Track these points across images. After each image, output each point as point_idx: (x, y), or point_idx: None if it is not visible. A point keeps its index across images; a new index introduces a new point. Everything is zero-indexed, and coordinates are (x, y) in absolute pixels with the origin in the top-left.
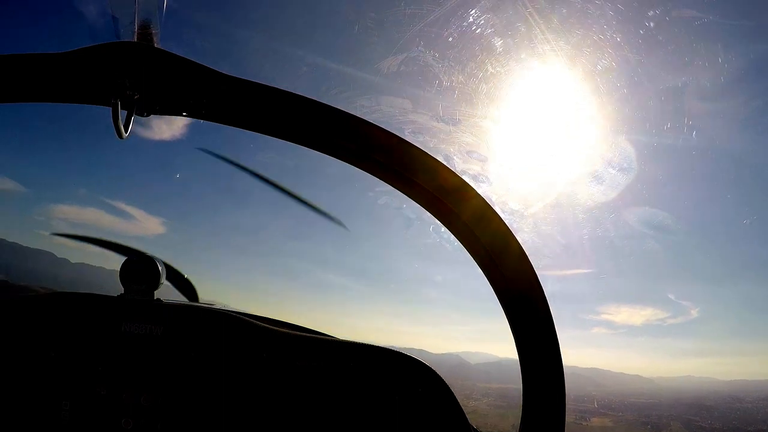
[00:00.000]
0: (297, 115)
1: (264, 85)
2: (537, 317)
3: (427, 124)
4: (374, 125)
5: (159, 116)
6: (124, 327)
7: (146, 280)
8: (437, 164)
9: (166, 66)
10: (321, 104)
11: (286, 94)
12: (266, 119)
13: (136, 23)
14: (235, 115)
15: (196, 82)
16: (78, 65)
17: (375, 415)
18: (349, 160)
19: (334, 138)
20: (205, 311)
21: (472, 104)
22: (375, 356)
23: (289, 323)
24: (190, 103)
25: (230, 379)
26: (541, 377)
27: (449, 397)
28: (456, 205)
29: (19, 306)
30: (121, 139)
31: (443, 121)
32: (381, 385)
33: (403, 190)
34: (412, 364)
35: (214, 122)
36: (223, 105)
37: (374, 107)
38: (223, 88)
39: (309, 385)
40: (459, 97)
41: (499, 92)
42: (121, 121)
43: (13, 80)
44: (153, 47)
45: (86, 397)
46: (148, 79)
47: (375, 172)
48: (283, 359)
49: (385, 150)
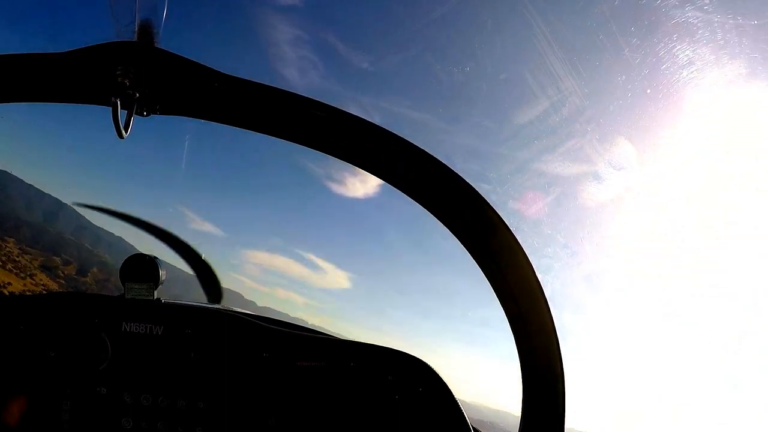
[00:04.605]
0: (297, 115)
1: (264, 85)
2: (537, 318)
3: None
4: (374, 125)
5: (160, 116)
6: (124, 327)
7: (147, 279)
8: (438, 165)
9: (166, 66)
10: (321, 104)
11: (286, 94)
12: (266, 119)
13: (136, 23)
14: (235, 115)
15: (196, 82)
16: (78, 65)
17: (375, 414)
18: (349, 160)
19: (334, 138)
20: (205, 311)
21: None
22: (375, 355)
23: (289, 323)
24: (190, 103)
25: (231, 378)
26: (541, 378)
27: (449, 396)
28: (456, 205)
29: (19, 306)
30: (121, 139)
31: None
32: (381, 385)
33: (403, 190)
34: (412, 363)
35: (214, 122)
36: (223, 105)
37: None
38: (223, 88)
39: (310, 385)
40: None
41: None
42: (121, 121)
43: (13, 80)
44: (153, 47)
45: (86, 397)
46: (148, 78)
47: (374, 171)
48: (283, 359)
49: (385, 150)
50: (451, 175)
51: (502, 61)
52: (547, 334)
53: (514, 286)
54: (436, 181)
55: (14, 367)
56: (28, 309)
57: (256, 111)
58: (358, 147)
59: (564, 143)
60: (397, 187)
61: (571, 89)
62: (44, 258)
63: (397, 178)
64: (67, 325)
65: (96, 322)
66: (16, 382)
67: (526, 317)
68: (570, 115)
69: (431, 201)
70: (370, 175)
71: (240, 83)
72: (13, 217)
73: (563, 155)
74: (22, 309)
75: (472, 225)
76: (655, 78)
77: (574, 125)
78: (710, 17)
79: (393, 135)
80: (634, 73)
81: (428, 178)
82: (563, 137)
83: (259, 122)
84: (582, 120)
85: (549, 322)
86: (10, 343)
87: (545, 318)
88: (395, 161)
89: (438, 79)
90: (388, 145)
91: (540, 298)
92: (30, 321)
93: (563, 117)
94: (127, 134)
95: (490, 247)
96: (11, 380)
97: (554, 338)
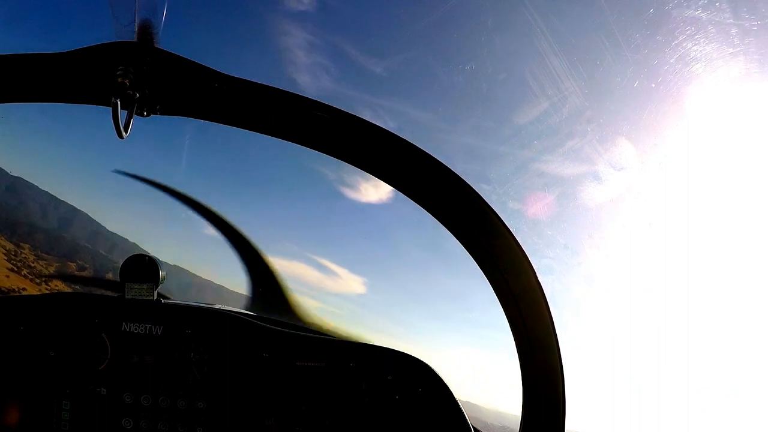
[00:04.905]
0: (297, 115)
1: (264, 85)
2: (537, 318)
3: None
4: (374, 125)
5: (160, 116)
6: (124, 327)
7: (147, 279)
8: (439, 165)
9: (166, 66)
10: (321, 104)
11: (286, 94)
12: (266, 119)
13: (136, 23)
14: (235, 115)
15: (196, 82)
16: (78, 65)
17: (375, 414)
18: (347, 159)
19: (334, 138)
20: (205, 311)
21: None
22: (375, 356)
23: (289, 323)
24: (190, 103)
25: (231, 378)
26: (541, 378)
27: (449, 396)
28: (456, 206)
29: (20, 306)
30: (121, 139)
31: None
32: (381, 385)
33: (402, 189)
34: (412, 363)
35: (214, 122)
36: (223, 105)
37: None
38: (223, 88)
39: (309, 385)
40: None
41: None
42: (121, 122)
43: (13, 80)
44: (153, 47)
45: (86, 397)
46: (148, 78)
47: (374, 171)
48: (283, 359)
49: (384, 149)
50: (450, 176)
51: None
52: (547, 335)
53: (515, 286)
54: (434, 181)
55: (14, 367)
56: (28, 309)
57: (256, 111)
58: (356, 146)
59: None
60: (395, 187)
61: (571, 89)
62: (59, 264)
63: (395, 177)
64: (67, 325)
65: (96, 323)
66: (17, 382)
67: (526, 317)
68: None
69: (430, 201)
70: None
71: (240, 83)
72: (28, 223)
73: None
74: (22, 309)
75: (472, 225)
76: (656, 77)
77: (574, 125)
78: (714, 16)
79: (392, 135)
80: (635, 72)
81: (427, 178)
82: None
83: (259, 122)
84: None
85: (549, 323)
86: (10, 343)
87: (545, 318)
88: (394, 161)
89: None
90: (386, 144)
91: (540, 299)
92: (30, 321)
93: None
94: (127, 134)
95: (489, 248)
96: (11, 380)
97: (554, 338)
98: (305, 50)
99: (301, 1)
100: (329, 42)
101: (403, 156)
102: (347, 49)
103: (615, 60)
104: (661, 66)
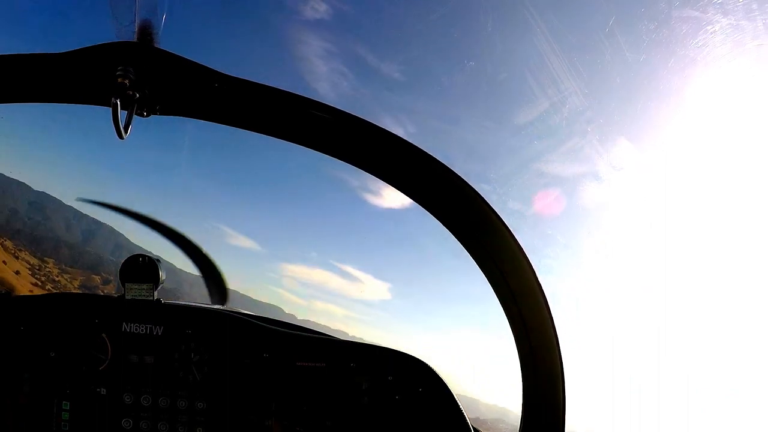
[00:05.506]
0: (297, 115)
1: (264, 85)
2: (537, 318)
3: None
4: (373, 125)
5: (160, 116)
6: (124, 327)
7: (147, 280)
8: (440, 166)
9: (166, 66)
10: (321, 104)
11: (286, 94)
12: (266, 119)
13: (136, 23)
14: (235, 115)
15: (196, 82)
16: (78, 65)
17: (375, 414)
18: (348, 160)
19: (334, 138)
20: (205, 312)
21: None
22: (375, 356)
23: (289, 323)
24: (190, 103)
25: (231, 379)
26: (541, 378)
27: (449, 396)
28: (456, 205)
29: (20, 306)
30: (121, 140)
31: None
32: (381, 385)
33: (401, 189)
34: (412, 363)
35: (214, 122)
36: (223, 105)
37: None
38: (223, 88)
39: (310, 385)
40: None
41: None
42: (121, 122)
43: (13, 80)
44: (153, 47)
45: (86, 397)
46: (148, 79)
47: (374, 171)
48: (283, 359)
49: (384, 149)
50: (451, 175)
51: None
52: (547, 334)
53: (515, 286)
54: (434, 180)
55: (15, 367)
56: (29, 309)
57: (255, 111)
58: (356, 146)
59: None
60: (395, 187)
61: (571, 89)
62: (84, 277)
63: (395, 176)
64: (67, 325)
65: (96, 323)
66: (17, 382)
67: (526, 317)
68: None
69: (430, 200)
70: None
71: (240, 83)
72: (53, 237)
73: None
74: (23, 309)
75: (472, 225)
76: (656, 78)
77: (574, 125)
78: (712, 17)
79: (392, 134)
80: (635, 72)
81: (427, 177)
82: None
83: (259, 123)
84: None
85: (549, 322)
86: (10, 343)
87: (545, 318)
88: (393, 160)
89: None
90: (386, 144)
91: (540, 299)
92: (31, 321)
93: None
94: (127, 135)
95: (490, 248)
96: (12, 380)
97: (554, 338)
98: (304, 45)
99: (302, 2)
100: (329, 41)
101: (403, 156)
102: (347, 48)
103: (615, 60)
104: (660, 66)
